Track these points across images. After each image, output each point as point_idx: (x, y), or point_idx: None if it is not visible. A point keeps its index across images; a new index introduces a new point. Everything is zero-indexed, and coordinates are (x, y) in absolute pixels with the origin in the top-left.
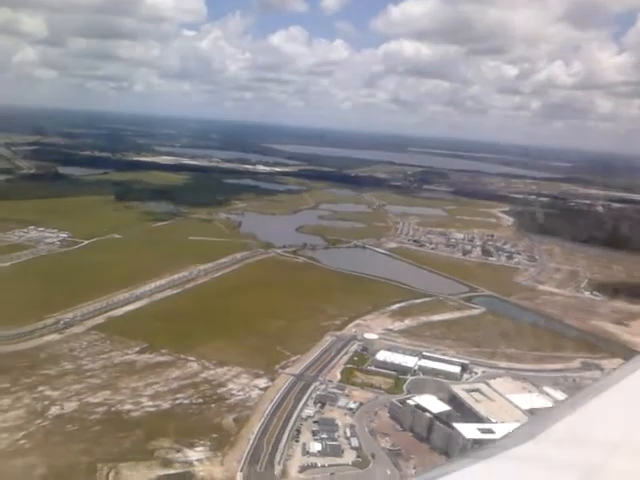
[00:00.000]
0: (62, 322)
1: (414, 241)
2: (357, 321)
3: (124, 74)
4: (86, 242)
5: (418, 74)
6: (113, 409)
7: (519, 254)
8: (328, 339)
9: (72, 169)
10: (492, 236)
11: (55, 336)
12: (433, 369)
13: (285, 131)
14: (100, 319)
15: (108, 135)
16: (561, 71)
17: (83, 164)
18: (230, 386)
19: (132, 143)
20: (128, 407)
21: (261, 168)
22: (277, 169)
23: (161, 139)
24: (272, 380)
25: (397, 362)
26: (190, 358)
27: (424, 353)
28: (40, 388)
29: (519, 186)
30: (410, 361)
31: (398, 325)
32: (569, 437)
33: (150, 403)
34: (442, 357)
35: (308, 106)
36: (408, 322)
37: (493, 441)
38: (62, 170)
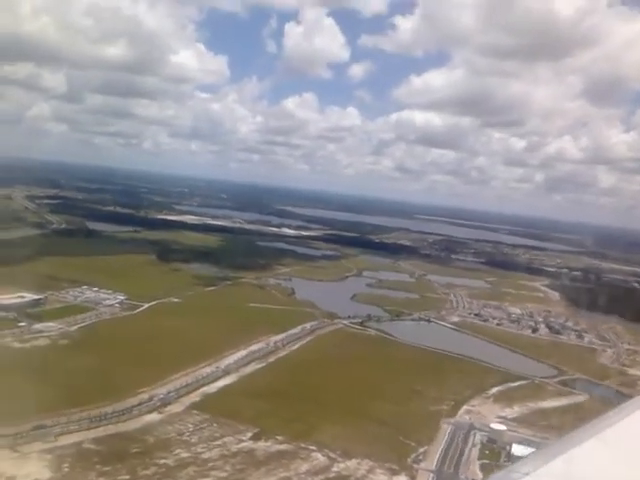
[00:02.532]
0: (156, 399)
1: (475, 315)
2: (465, 407)
3: (134, 132)
4: (146, 305)
5: (426, 143)
6: None
7: (586, 333)
8: (446, 427)
9: (100, 225)
10: (549, 312)
11: (155, 416)
12: None
13: (291, 193)
14: (195, 396)
15: (124, 191)
16: (569, 145)
17: (110, 220)
18: None
19: (150, 200)
20: None
21: (287, 231)
22: (304, 233)
23: (174, 197)
24: (412, 478)
25: None
26: (311, 447)
27: None
28: None
29: (543, 258)
30: None
31: (510, 413)
32: (564, 477)
33: None
34: None
35: (313, 170)
36: (518, 409)
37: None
38: (91, 226)
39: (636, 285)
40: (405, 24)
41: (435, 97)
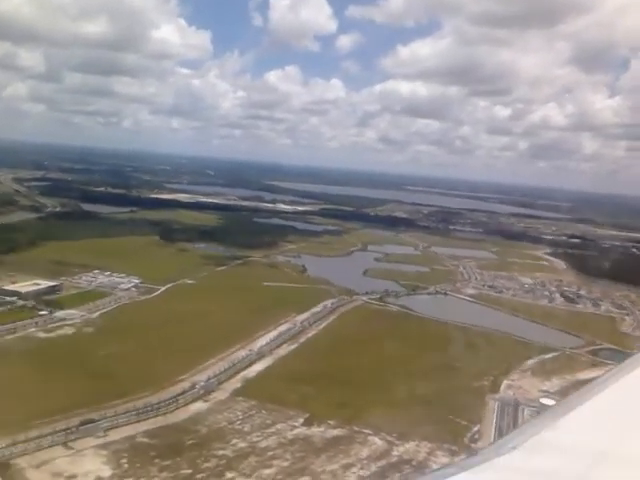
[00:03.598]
0: (198, 387)
1: (489, 286)
2: (505, 381)
3: (114, 110)
4: (162, 288)
5: (412, 114)
6: None
7: (601, 301)
8: (492, 404)
9: (95, 206)
10: (561, 281)
11: (201, 405)
12: None
13: (277, 168)
14: (236, 382)
15: (109, 171)
16: (554, 112)
17: (103, 201)
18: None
19: (139, 180)
20: None
21: (282, 207)
22: (299, 208)
23: (162, 175)
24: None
25: None
26: (366, 431)
27: None
28: (229, 475)
29: (538, 226)
30: None
31: (550, 386)
32: (555, 446)
33: None
34: None
35: (296, 144)
36: (557, 382)
37: (475, 451)
38: (86, 207)
39: (636, 251)
40: None
41: (423, 67)
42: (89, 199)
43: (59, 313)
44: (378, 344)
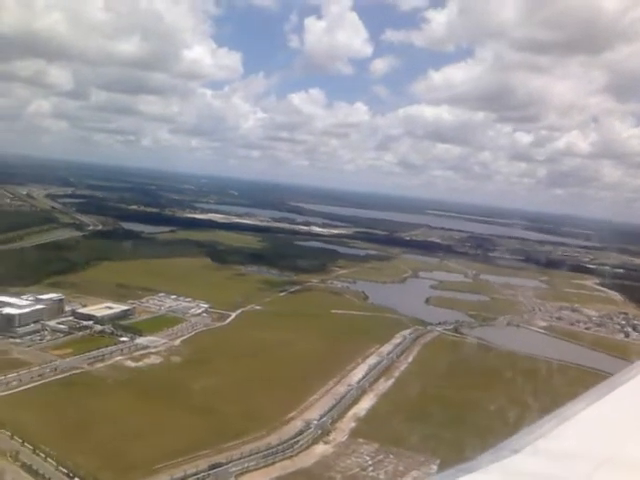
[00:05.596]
0: (313, 426)
1: (557, 318)
2: None
3: (134, 128)
4: (233, 315)
5: (434, 138)
6: None
7: None
8: None
9: (133, 225)
10: (626, 314)
11: (324, 447)
12: None
13: (295, 190)
14: (349, 421)
15: (136, 189)
16: (578, 140)
17: (140, 220)
18: None
19: (167, 199)
20: None
21: (317, 229)
22: (334, 231)
23: (188, 195)
24: None
25: None
26: None
27: None
28: None
29: (575, 255)
30: None
31: None
32: (556, 451)
33: None
34: None
35: (312, 166)
36: None
37: (476, 455)
38: (125, 226)
39: None
40: (438, 18)
41: (454, 92)
42: (125, 218)
43: (140, 340)
44: (473, 380)
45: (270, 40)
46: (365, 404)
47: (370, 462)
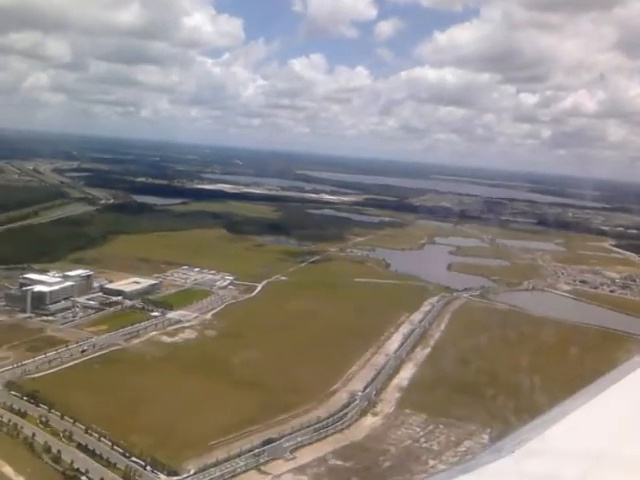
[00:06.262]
0: (358, 398)
1: (580, 282)
2: None
3: (134, 99)
4: (259, 286)
5: (437, 101)
6: None
7: None
8: None
9: (145, 197)
10: None
11: (373, 419)
12: None
13: (298, 158)
14: (392, 392)
15: (140, 161)
16: (585, 100)
17: (150, 192)
18: None
19: (173, 170)
20: None
21: (327, 197)
22: (344, 199)
23: (192, 165)
24: None
25: None
26: None
27: None
28: None
29: (586, 216)
30: None
31: None
32: (552, 449)
33: None
34: None
35: (313, 132)
36: None
37: (473, 455)
38: (137, 199)
39: None
40: None
41: (459, 53)
42: (136, 190)
43: (171, 314)
44: (513, 347)
45: (272, 4)
46: (406, 374)
47: (421, 433)
